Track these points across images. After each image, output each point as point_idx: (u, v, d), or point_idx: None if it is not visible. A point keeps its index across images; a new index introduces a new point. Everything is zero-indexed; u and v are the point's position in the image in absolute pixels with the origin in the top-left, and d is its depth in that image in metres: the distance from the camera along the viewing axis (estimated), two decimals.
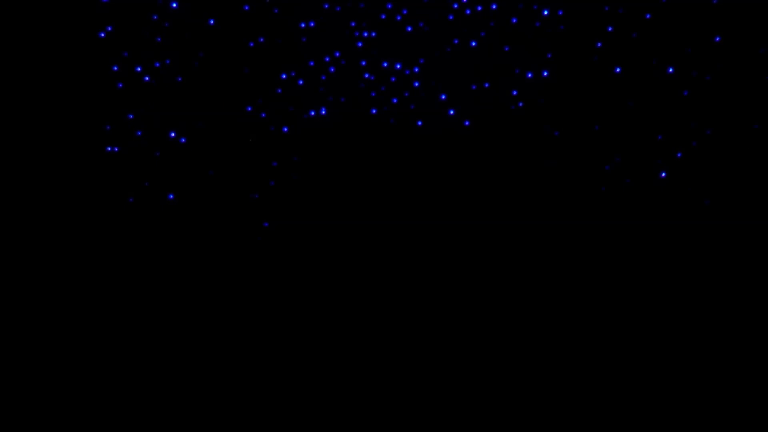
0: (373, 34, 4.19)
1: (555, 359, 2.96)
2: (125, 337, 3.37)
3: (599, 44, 3.56)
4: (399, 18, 4.03)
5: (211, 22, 4.65)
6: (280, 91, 5.15)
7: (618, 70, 3.55)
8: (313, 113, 5.36)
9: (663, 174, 3.41)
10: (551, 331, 3.05)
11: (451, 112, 3.64)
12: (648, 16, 3.50)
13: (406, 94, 3.85)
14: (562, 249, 3.20)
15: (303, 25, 5.01)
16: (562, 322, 3.06)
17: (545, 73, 3.60)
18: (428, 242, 3.26)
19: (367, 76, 5.27)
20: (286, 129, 5.33)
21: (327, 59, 5.13)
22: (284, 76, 5.06)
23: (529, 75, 3.59)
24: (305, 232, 4.43)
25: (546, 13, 3.50)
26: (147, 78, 4.75)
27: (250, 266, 3.84)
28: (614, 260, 3.14)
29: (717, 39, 3.37)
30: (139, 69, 4.77)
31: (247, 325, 3.59)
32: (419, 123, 3.74)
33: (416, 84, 3.72)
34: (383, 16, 4.19)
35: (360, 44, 4.93)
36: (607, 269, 3.14)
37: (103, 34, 4.63)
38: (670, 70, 3.37)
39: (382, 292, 3.19)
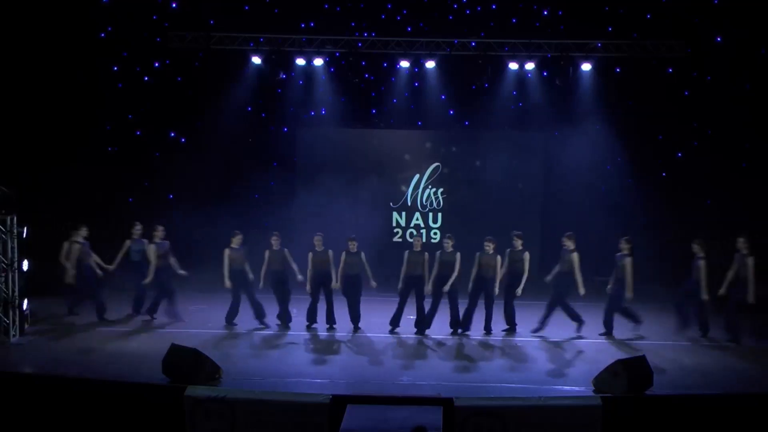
0: None
1: None
2: None
3: None
4: None
5: (212, 22, 4.65)
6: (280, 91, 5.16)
7: None
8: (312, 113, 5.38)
9: None
10: None
11: None
12: None
13: None
14: None
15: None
16: None
17: None
18: None
19: (367, 75, 5.28)
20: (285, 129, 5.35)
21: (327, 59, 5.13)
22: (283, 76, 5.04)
23: None
24: None
25: None
26: (147, 78, 4.74)
27: None
28: None
29: None
30: (138, 69, 4.76)
31: None
32: None
33: None
34: None
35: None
36: None
37: (103, 35, 4.61)
38: None
39: None
